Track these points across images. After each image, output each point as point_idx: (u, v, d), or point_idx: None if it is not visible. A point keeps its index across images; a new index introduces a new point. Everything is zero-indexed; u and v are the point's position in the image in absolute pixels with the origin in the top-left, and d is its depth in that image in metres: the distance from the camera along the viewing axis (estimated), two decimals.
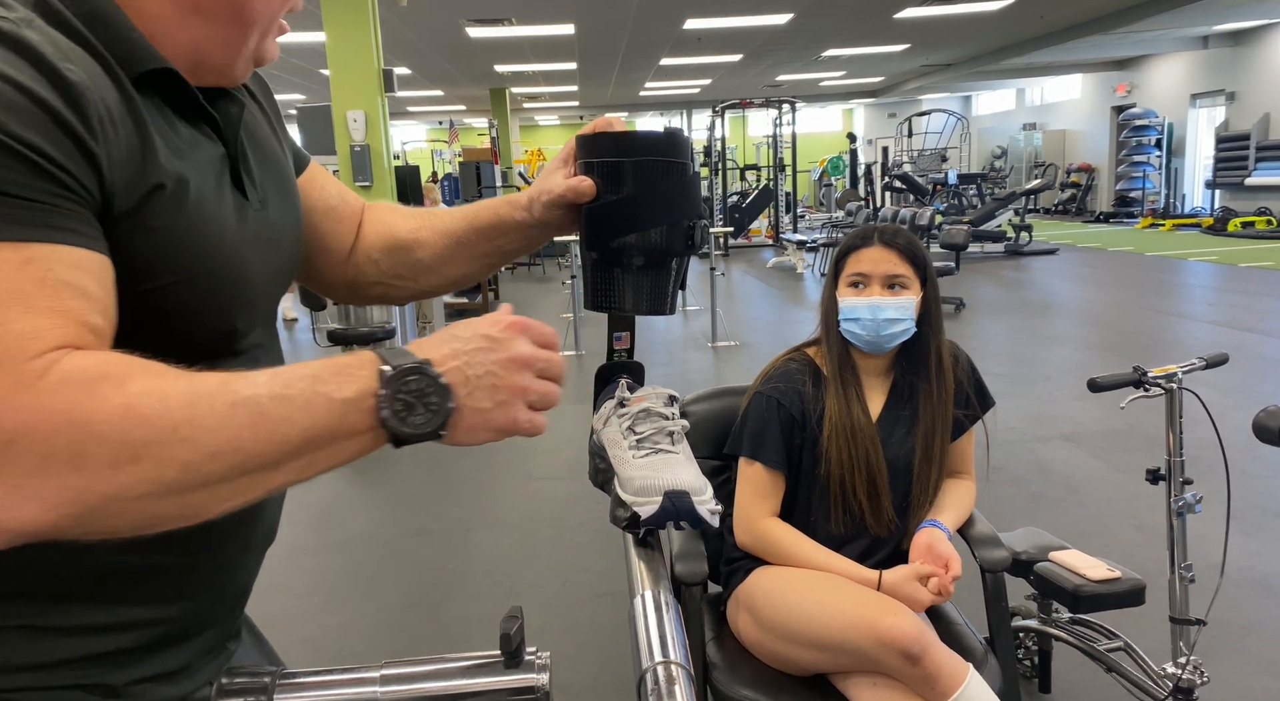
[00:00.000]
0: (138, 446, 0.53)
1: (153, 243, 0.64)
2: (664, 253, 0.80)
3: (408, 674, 0.69)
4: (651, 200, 0.79)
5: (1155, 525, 3.21)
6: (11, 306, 0.53)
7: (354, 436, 0.60)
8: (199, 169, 0.69)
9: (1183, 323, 6.85)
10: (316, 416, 0.58)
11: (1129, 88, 16.44)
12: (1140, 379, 1.75)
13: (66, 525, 0.53)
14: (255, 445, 0.56)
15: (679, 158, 0.80)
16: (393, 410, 0.59)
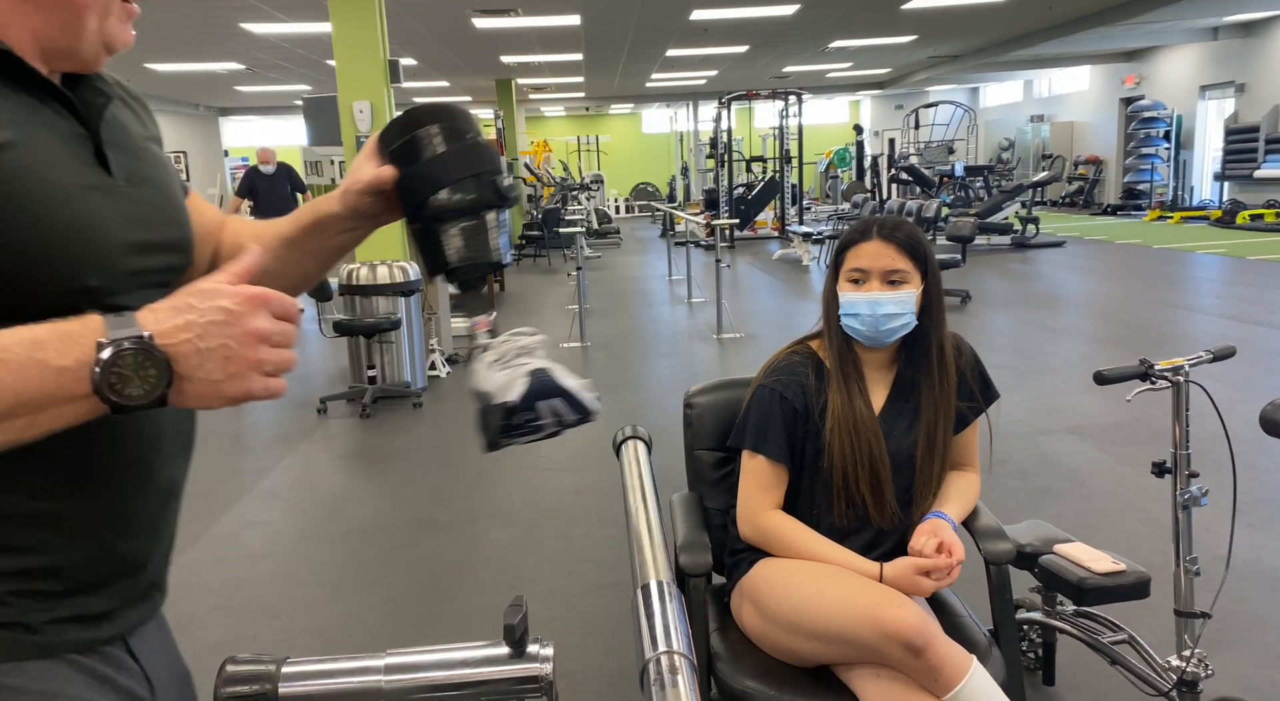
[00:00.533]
0: None
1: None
2: (473, 204, 0.86)
3: (412, 663, 0.70)
4: (445, 159, 0.86)
5: (1160, 518, 3.21)
6: None
7: (71, 402, 0.62)
8: (34, 142, 0.71)
9: (1190, 316, 6.83)
10: (29, 381, 0.60)
11: (1138, 79, 16.34)
12: (1147, 372, 1.74)
13: None
14: None
15: (459, 123, 0.88)
16: (108, 383, 0.61)
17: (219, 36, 9.83)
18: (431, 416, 5.10)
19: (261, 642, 2.66)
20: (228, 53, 11.14)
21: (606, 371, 5.99)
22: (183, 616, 2.84)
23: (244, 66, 12.34)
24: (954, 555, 1.57)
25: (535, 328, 0.89)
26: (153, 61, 11.73)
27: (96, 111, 0.79)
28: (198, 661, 1.94)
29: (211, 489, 3.99)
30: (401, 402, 5.36)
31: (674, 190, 21.32)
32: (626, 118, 24.74)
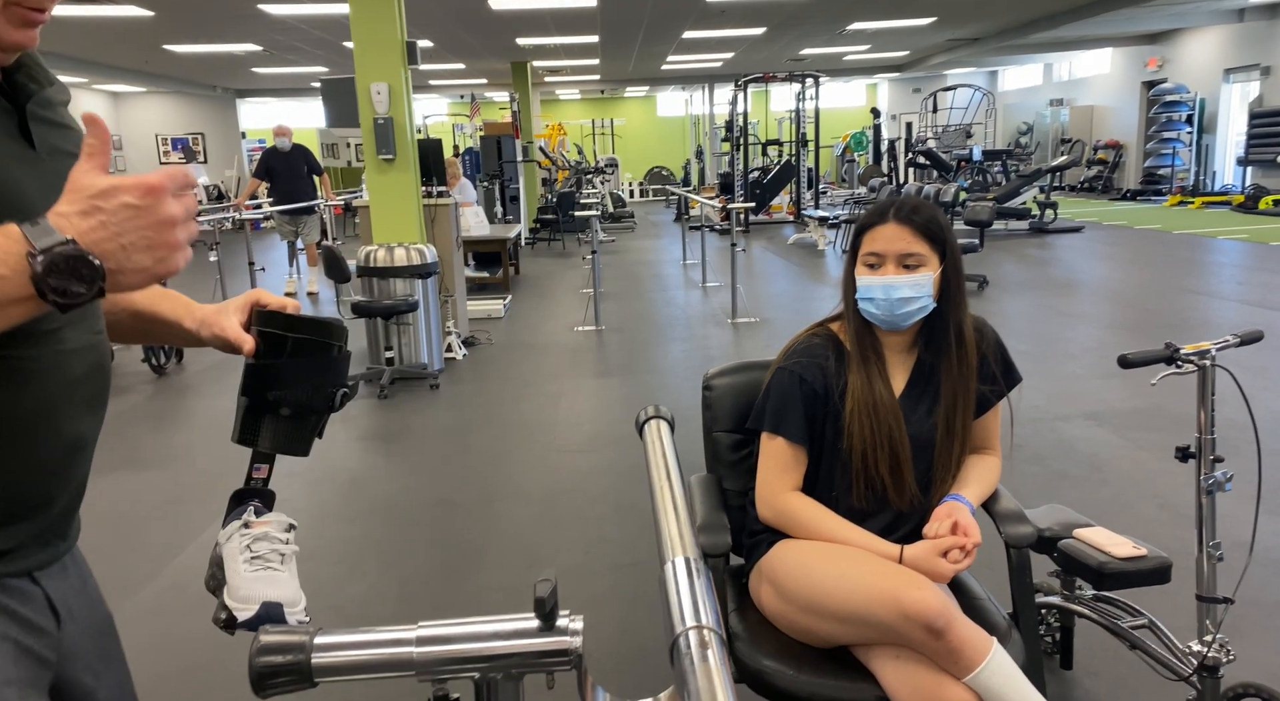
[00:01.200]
0: None
1: None
2: (308, 409, 0.97)
3: (443, 635, 0.70)
4: (303, 369, 0.96)
5: (1178, 504, 3.19)
6: None
7: (19, 303, 0.67)
8: None
9: (1211, 302, 6.76)
10: None
11: (1160, 62, 16.10)
12: (1172, 355, 1.72)
13: None
14: None
15: (334, 340, 0.98)
16: (50, 287, 0.66)
17: (236, 18, 9.83)
18: (448, 398, 5.13)
19: None
20: (245, 34, 11.14)
21: (621, 355, 5.99)
22: (204, 593, 2.86)
23: (261, 48, 12.33)
24: (970, 536, 1.56)
25: (292, 521, 1.00)
26: (171, 43, 11.75)
27: (24, 92, 0.83)
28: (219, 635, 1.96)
29: (230, 468, 4.03)
30: (419, 384, 5.39)
31: (689, 174, 21.23)
32: (641, 101, 24.62)
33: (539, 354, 6.13)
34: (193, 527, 3.39)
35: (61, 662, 0.89)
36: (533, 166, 14.71)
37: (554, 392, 5.10)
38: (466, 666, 0.70)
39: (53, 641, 0.87)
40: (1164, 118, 15.39)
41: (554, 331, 6.83)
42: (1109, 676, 2.20)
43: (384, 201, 5.63)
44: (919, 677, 1.44)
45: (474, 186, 9.84)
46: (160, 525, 3.45)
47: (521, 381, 5.40)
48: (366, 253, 5.38)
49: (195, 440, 4.49)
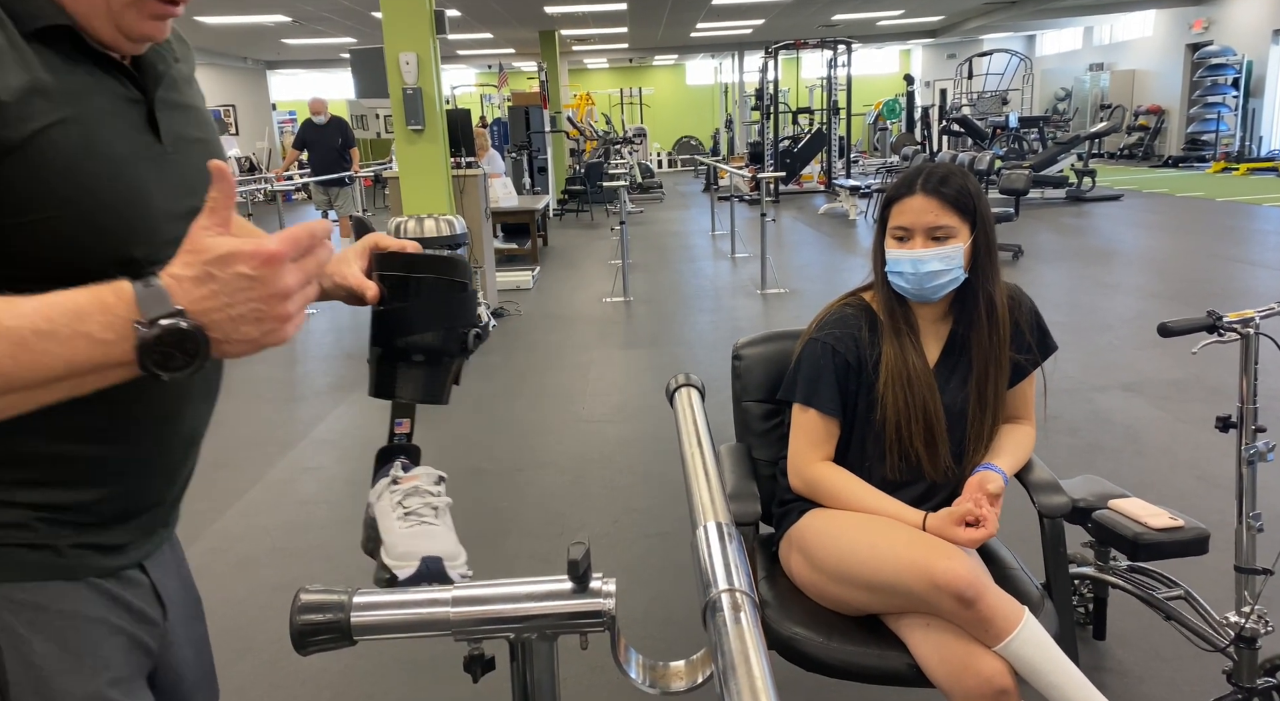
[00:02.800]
0: None
1: (38, 176, 0.69)
2: (440, 353, 0.94)
3: (478, 595, 0.71)
4: (430, 310, 0.93)
5: (1217, 475, 3.14)
6: None
7: (114, 368, 0.65)
8: (90, 111, 0.74)
9: (1255, 271, 6.60)
10: (77, 352, 0.63)
11: (1206, 24, 15.60)
12: (1215, 323, 1.69)
13: None
14: (18, 371, 0.62)
15: (458, 277, 0.94)
16: (151, 360, 0.64)
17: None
18: (478, 368, 5.16)
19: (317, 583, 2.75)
20: (275, 5, 11.16)
21: (649, 326, 5.99)
22: (243, 557, 2.93)
23: (291, 19, 12.35)
24: (983, 507, 1.53)
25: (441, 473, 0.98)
26: (202, 14, 11.80)
27: (154, 78, 0.81)
28: (258, 598, 1.97)
29: (268, 435, 4.10)
30: None
31: (718, 143, 21.02)
32: (670, 69, 24.36)
33: (567, 325, 6.14)
34: (232, 492, 3.46)
35: (160, 649, 0.89)
36: (560, 137, 14.64)
37: (583, 363, 5.12)
38: (501, 626, 0.71)
39: (159, 631, 0.87)
40: (1209, 81, 14.95)
41: (582, 303, 6.83)
42: (1143, 647, 2.19)
43: (413, 172, 5.64)
44: (950, 646, 1.44)
45: (502, 157, 9.83)
46: (200, 490, 3.53)
47: (550, 352, 5.42)
48: (396, 224, 5.41)
49: (234, 408, 4.57)
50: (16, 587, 0.74)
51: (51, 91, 0.70)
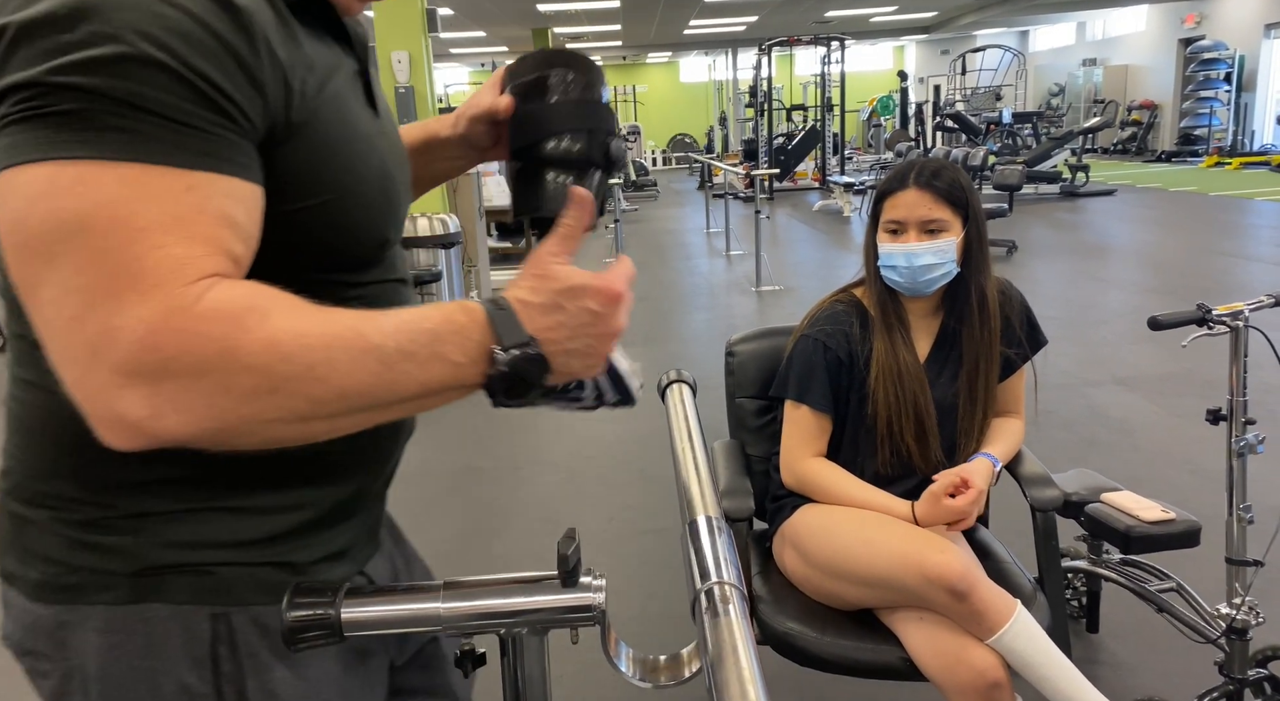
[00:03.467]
0: (277, 379, 0.57)
1: (316, 160, 0.67)
2: (582, 160, 0.84)
3: (469, 590, 0.71)
4: (566, 108, 0.84)
5: (1210, 469, 3.15)
6: (173, 230, 0.57)
7: (458, 389, 0.64)
8: (342, 85, 0.72)
9: (1247, 265, 6.62)
10: (432, 374, 0.62)
11: (1198, 19, 15.64)
12: (1204, 316, 1.70)
13: (202, 438, 0.58)
14: (377, 390, 0.61)
15: (594, 78, 0.86)
16: (501, 386, 0.64)
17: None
18: None
19: None
20: None
21: (645, 323, 5.99)
22: None
23: None
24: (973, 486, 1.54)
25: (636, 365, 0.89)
26: None
27: (362, 44, 0.79)
28: None
29: None
30: None
31: (712, 141, 21.02)
32: (664, 67, 24.36)
33: None
34: None
35: (396, 655, 0.87)
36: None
37: None
38: (492, 621, 0.71)
39: (392, 638, 0.84)
40: (1201, 76, 14.99)
41: None
42: (1135, 639, 2.20)
43: None
44: (943, 639, 1.45)
45: None
46: None
47: None
48: None
49: None
50: (263, 610, 0.72)
51: (316, 67, 0.68)
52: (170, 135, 0.57)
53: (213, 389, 0.57)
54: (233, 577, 0.71)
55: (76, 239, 0.55)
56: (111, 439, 0.57)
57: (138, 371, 0.55)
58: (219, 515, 0.71)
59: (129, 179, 0.56)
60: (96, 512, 0.69)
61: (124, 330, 0.55)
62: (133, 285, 0.55)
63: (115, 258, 0.55)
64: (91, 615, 0.69)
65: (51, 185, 0.55)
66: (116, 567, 0.69)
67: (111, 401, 0.56)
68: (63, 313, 0.56)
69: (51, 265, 0.56)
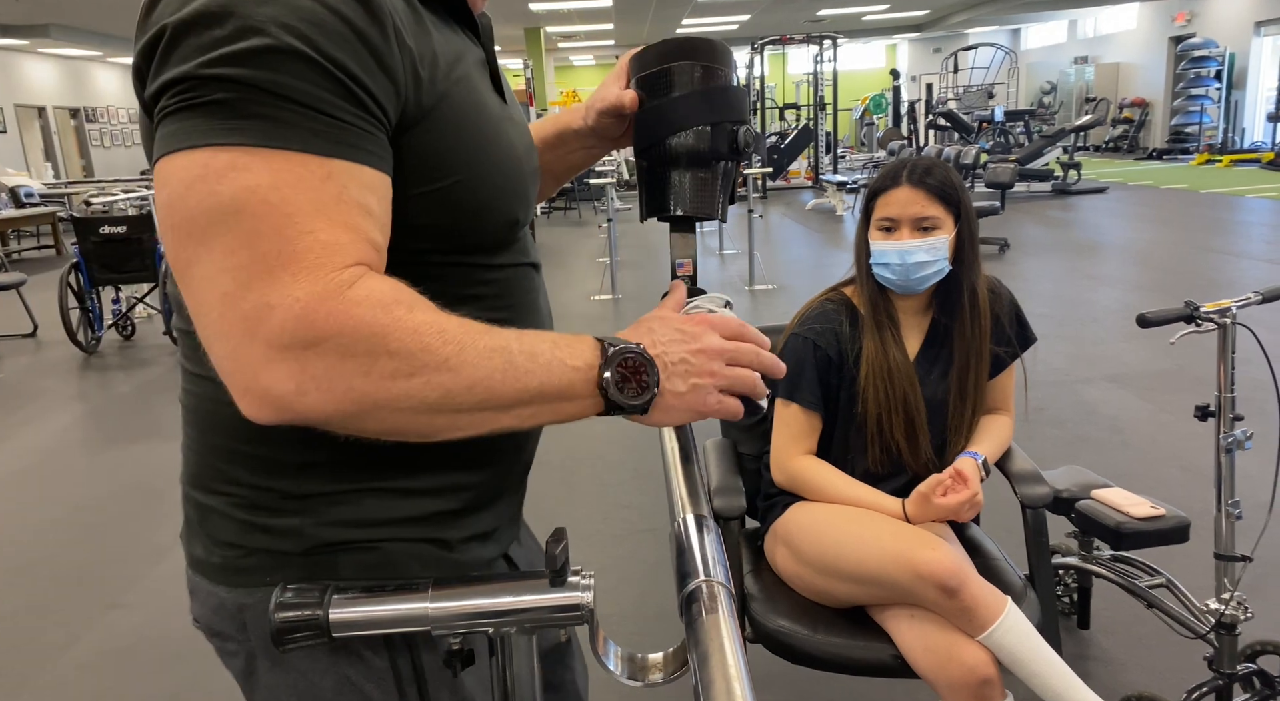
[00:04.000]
0: (417, 366, 0.61)
1: (447, 141, 0.69)
2: (709, 154, 0.83)
3: (457, 590, 0.71)
4: (693, 101, 0.82)
5: (1201, 466, 3.17)
6: (317, 217, 0.60)
7: (575, 399, 0.68)
8: (470, 72, 0.74)
9: (1238, 262, 6.65)
10: (552, 375, 0.66)
11: (1189, 17, 15.70)
12: (1192, 313, 1.70)
13: (337, 419, 0.62)
14: (502, 387, 0.64)
15: (720, 64, 0.83)
16: (613, 381, 0.67)
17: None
18: None
19: None
20: None
21: None
22: None
23: None
24: (969, 486, 1.55)
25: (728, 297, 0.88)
26: None
27: (488, 33, 0.81)
28: None
29: None
30: None
31: None
32: None
33: (556, 322, 6.08)
34: None
35: None
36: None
37: None
38: (480, 621, 0.71)
39: None
40: (1192, 74, 15.04)
41: (571, 300, 6.83)
42: (1126, 635, 2.21)
43: None
44: (934, 636, 1.45)
45: None
46: None
47: None
48: None
49: None
50: None
51: (444, 52, 0.70)
52: (310, 123, 0.60)
53: (356, 370, 0.60)
54: (396, 553, 0.74)
55: (229, 220, 0.58)
56: (251, 411, 0.60)
57: (290, 346, 0.58)
58: (379, 495, 0.74)
59: (276, 165, 0.59)
60: (266, 496, 0.73)
61: (280, 307, 0.58)
62: (287, 266, 0.58)
63: (268, 239, 0.58)
64: (269, 595, 0.71)
65: (205, 170, 0.59)
66: (288, 548, 0.73)
67: (260, 374, 0.59)
68: (216, 288, 0.59)
69: (205, 245, 0.59)
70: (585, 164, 1.01)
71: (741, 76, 8.84)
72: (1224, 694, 1.77)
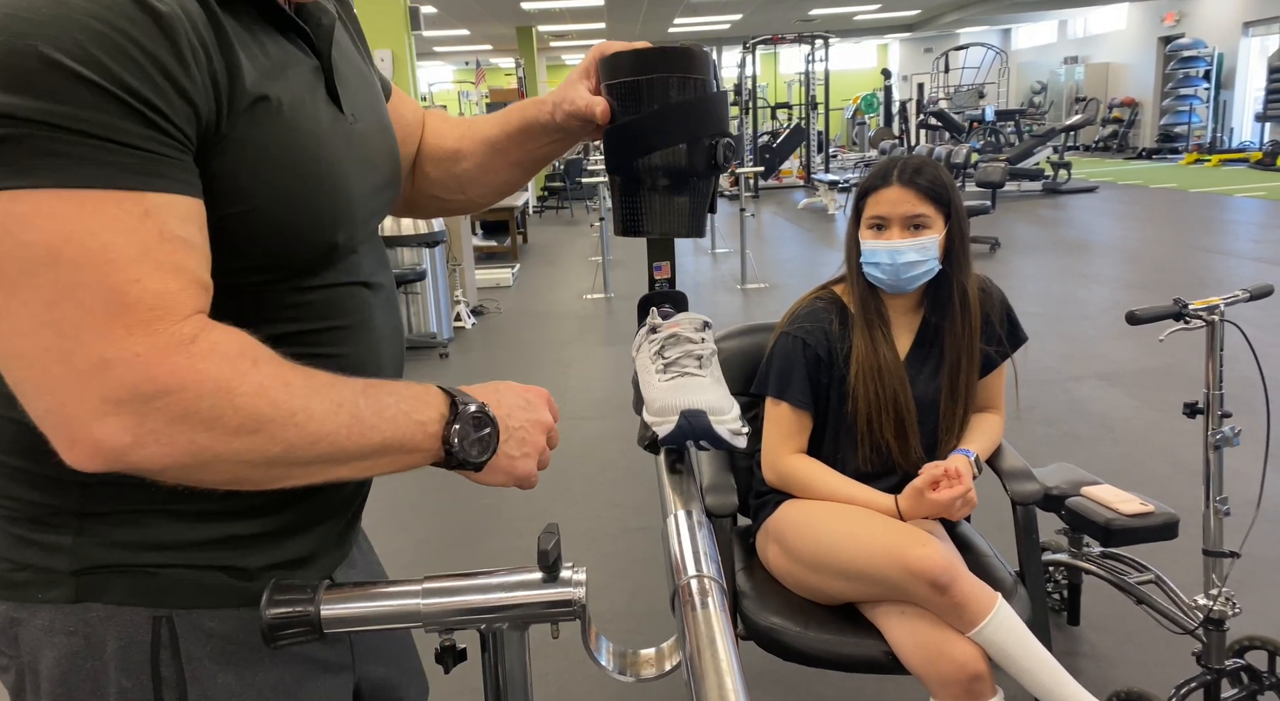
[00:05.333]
0: (261, 421, 0.60)
1: (248, 165, 0.64)
2: (686, 173, 0.79)
3: (449, 587, 0.72)
4: (668, 118, 0.78)
5: (1191, 462, 3.19)
6: (144, 262, 0.57)
7: (414, 452, 0.68)
8: (290, 86, 0.68)
9: (1226, 260, 6.69)
10: (397, 430, 0.67)
11: (1177, 17, 15.78)
12: (1181, 311, 1.71)
13: (171, 470, 0.60)
14: (346, 442, 0.64)
15: (697, 73, 0.78)
16: (459, 438, 0.68)
17: None
18: (458, 366, 5.15)
19: None
20: None
21: (630, 322, 5.98)
22: None
23: None
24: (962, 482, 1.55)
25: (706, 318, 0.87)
26: None
27: (325, 37, 0.74)
28: None
29: None
30: (428, 353, 5.41)
31: None
32: None
33: (548, 322, 6.14)
34: None
35: (357, 662, 0.84)
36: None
37: (564, 360, 5.12)
38: (472, 617, 0.71)
39: (345, 646, 0.82)
40: (1181, 74, 15.12)
41: (563, 299, 6.83)
42: (1116, 631, 2.22)
43: None
44: (924, 633, 1.46)
45: None
46: None
47: (531, 350, 5.42)
48: None
49: None
50: (207, 615, 0.71)
51: (253, 69, 0.65)
52: (113, 157, 0.55)
53: (198, 425, 0.58)
54: (176, 580, 0.70)
55: (44, 272, 0.54)
56: (80, 461, 0.58)
57: (128, 401, 0.56)
58: (167, 517, 0.70)
59: (88, 208, 0.55)
60: (41, 510, 0.69)
61: (118, 362, 0.55)
62: (118, 318, 0.56)
63: (93, 291, 0.55)
64: (38, 613, 0.69)
65: (5, 217, 0.54)
66: (59, 565, 0.69)
67: (92, 426, 0.56)
68: (36, 343, 0.55)
69: (16, 297, 0.55)
70: (554, 155, 0.98)
71: (733, 75, 8.80)
72: (1212, 689, 1.78)
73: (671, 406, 0.76)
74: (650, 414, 0.77)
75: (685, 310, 0.90)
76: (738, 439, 0.77)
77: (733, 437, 0.77)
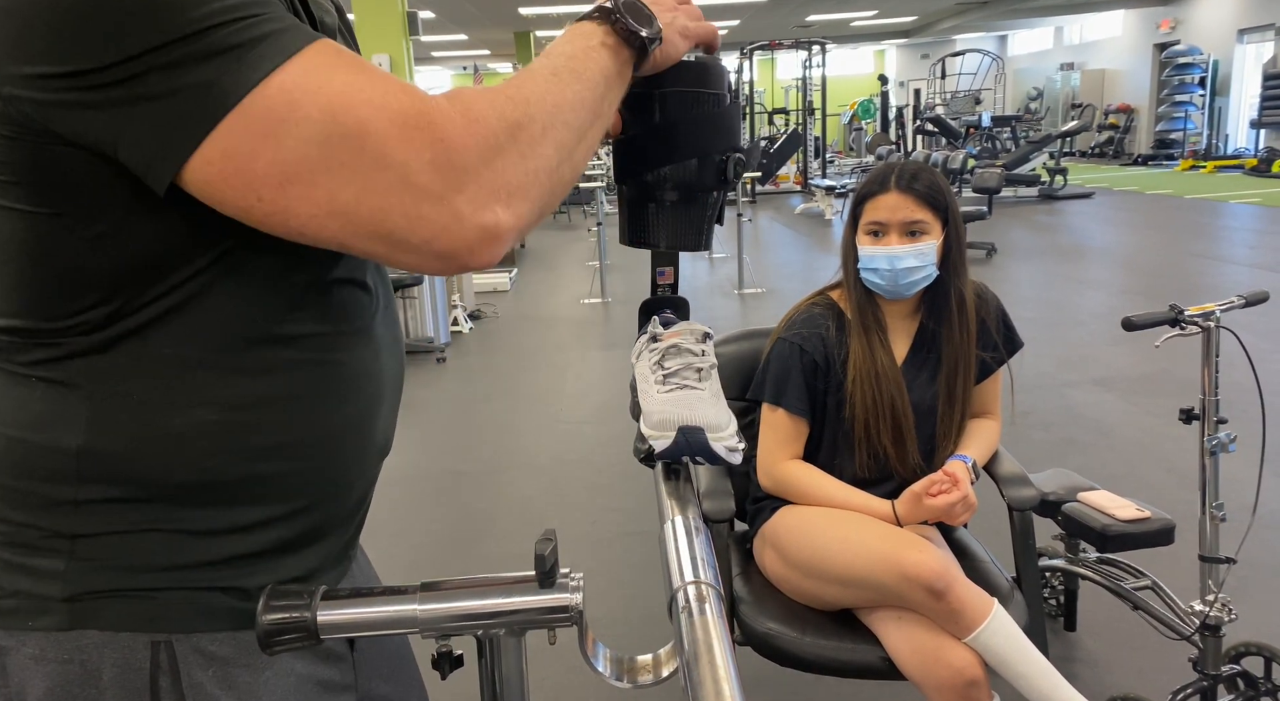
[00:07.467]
0: (536, 113, 0.63)
1: None
2: (695, 187, 0.79)
3: (446, 592, 0.71)
4: (680, 133, 0.78)
5: (1187, 468, 3.19)
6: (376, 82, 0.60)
7: (612, 50, 0.70)
8: None
9: (1222, 266, 6.71)
10: (598, 61, 0.69)
11: (1173, 24, 15.84)
12: (1176, 317, 1.72)
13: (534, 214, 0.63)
14: (584, 93, 0.67)
15: (711, 88, 0.78)
16: (623, 12, 0.70)
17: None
18: (455, 371, 5.15)
19: None
20: None
21: (628, 327, 5.99)
22: None
23: None
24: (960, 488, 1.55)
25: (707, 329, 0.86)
26: None
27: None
28: None
29: None
30: (425, 358, 5.41)
31: None
32: None
33: (545, 327, 6.13)
34: None
35: (360, 680, 0.82)
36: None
37: (561, 364, 5.12)
38: (468, 622, 0.71)
39: (348, 664, 0.80)
40: (1176, 81, 15.18)
41: (560, 304, 6.83)
42: (1112, 637, 2.22)
43: None
44: (921, 638, 1.46)
45: None
46: None
47: (528, 354, 5.42)
48: None
49: None
50: (207, 638, 0.69)
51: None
52: (282, 24, 0.59)
53: (516, 158, 0.61)
54: (174, 602, 0.68)
55: (334, 131, 0.57)
56: (475, 258, 0.60)
57: (470, 181, 0.59)
58: (164, 536, 0.67)
59: (309, 67, 0.58)
60: (29, 534, 0.67)
61: (437, 159, 0.58)
62: (405, 129, 0.58)
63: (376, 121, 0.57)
64: (28, 641, 0.67)
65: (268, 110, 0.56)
66: (50, 592, 0.67)
67: (473, 224, 0.59)
68: (374, 188, 0.57)
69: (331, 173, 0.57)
70: None
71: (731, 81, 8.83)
72: (1208, 695, 1.78)
73: (669, 421, 0.75)
74: (648, 427, 0.76)
75: (687, 317, 0.89)
76: (733, 456, 0.76)
77: (729, 454, 0.76)
